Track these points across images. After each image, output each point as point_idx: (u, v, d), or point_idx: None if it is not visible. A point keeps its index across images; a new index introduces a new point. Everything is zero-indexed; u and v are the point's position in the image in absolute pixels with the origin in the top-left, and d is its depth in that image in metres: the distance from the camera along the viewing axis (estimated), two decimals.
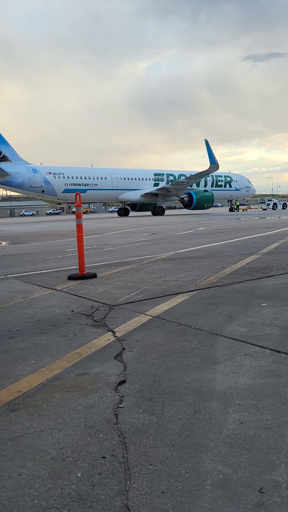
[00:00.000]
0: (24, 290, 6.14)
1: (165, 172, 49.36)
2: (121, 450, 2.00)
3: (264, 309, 4.47)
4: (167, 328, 3.91)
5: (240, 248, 10.10)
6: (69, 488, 1.74)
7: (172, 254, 9.57)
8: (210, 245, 11.30)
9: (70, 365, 3.08)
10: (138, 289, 5.74)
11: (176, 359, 3.14)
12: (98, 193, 44.53)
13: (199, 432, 2.14)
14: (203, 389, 2.62)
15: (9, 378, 2.90)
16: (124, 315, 4.44)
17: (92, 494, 1.70)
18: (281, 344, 3.35)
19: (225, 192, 52.98)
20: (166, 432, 2.15)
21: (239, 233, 14.93)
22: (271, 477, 1.77)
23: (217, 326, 3.92)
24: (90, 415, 2.35)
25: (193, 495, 1.68)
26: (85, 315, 4.51)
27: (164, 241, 13.37)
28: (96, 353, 3.33)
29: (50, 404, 2.50)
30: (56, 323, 4.25)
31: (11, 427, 2.26)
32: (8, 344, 3.68)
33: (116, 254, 10.19)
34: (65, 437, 2.14)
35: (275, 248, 9.89)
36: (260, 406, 2.37)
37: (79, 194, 7.57)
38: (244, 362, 3.02)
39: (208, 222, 24.52)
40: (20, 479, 1.82)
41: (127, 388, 2.67)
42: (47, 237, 17.92)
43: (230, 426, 2.18)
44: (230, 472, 1.82)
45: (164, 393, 2.59)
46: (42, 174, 40.25)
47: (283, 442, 2.02)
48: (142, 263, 8.29)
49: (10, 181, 39.04)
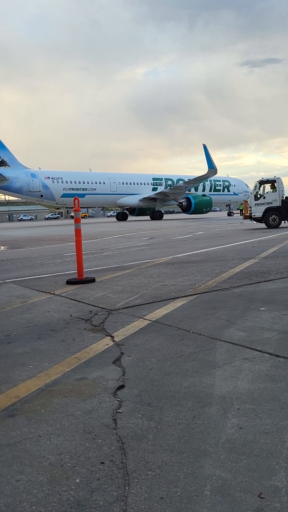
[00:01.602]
0: (23, 294, 6.12)
1: (163, 177, 49.47)
2: (119, 455, 1.99)
3: (262, 313, 4.47)
4: (166, 333, 3.90)
5: (238, 253, 10.11)
6: (67, 494, 1.73)
7: (171, 259, 9.57)
8: (208, 249, 11.31)
9: (68, 370, 3.07)
10: (137, 294, 5.73)
11: (175, 363, 3.13)
12: (96, 198, 44.58)
13: (198, 437, 2.13)
14: (202, 394, 2.61)
15: (7, 383, 2.88)
16: (122, 319, 4.43)
17: (91, 500, 1.69)
18: (280, 349, 3.35)
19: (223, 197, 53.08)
20: (165, 437, 2.14)
21: (238, 238, 14.95)
22: (271, 482, 1.76)
23: (216, 330, 3.92)
24: (88, 420, 2.34)
25: (192, 500, 1.67)
26: (84, 320, 4.50)
27: (163, 246, 13.38)
28: (95, 358, 3.32)
29: (49, 409, 2.49)
30: (55, 328, 4.23)
31: (9, 432, 2.25)
32: (7, 349, 3.67)
33: (115, 258, 10.19)
34: (63, 443, 2.13)
35: (273, 252, 9.90)
36: (259, 411, 2.36)
37: (77, 199, 7.59)
38: (243, 367, 3.01)
39: (206, 227, 24.56)
40: (18, 485, 1.81)
41: (125, 393, 2.66)
42: (46, 241, 17.91)
43: (229, 431, 2.18)
44: (229, 477, 1.81)
45: (163, 398, 2.58)
46: (40, 179, 40.30)
47: (282, 447, 2.01)
48: (140, 268, 8.29)
49: (9, 185, 39.08)
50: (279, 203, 19.90)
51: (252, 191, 20.74)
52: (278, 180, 20.41)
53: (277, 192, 20.07)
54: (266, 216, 19.92)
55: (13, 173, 39.09)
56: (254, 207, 20.23)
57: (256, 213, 20.14)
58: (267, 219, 19.93)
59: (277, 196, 20.00)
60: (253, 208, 20.24)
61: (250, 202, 20.40)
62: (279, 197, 19.98)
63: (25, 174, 39.88)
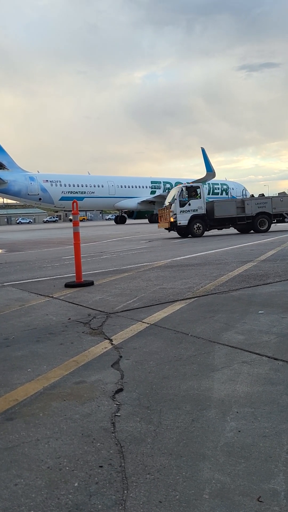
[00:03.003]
0: (21, 298, 6.12)
1: (162, 180, 49.58)
2: (118, 459, 1.99)
3: (261, 316, 4.47)
4: (164, 336, 3.90)
5: (237, 256, 10.12)
6: (66, 498, 1.73)
7: (169, 262, 9.58)
8: (207, 252, 11.32)
9: (67, 373, 3.07)
10: (135, 297, 5.73)
11: (174, 367, 3.13)
12: (95, 201, 44.63)
13: (196, 440, 2.12)
14: (201, 397, 2.61)
15: (5, 387, 2.88)
16: (121, 323, 4.43)
17: (89, 504, 1.68)
18: (278, 352, 3.35)
19: None
20: (164, 440, 2.14)
21: (236, 241, 14.97)
22: (270, 485, 1.76)
23: (214, 333, 3.92)
24: (87, 423, 2.34)
25: (191, 504, 1.67)
26: (82, 323, 4.49)
27: (161, 249, 13.39)
28: (93, 361, 3.31)
29: (47, 412, 2.48)
30: (53, 331, 4.23)
31: (8, 436, 2.24)
32: (5, 352, 3.66)
33: (113, 261, 10.19)
34: (62, 446, 2.12)
35: (271, 255, 9.92)
36: (257, 414, 2.36)
37: (76, 202, 7.61)
38: (241, 370, 3.01)
39: None
40: (16, 489, 1.80)
41: (124, 396, 2.66)
42: (44, 244, 17.91)
43: (228, 434, 2.17)
44: (228, 481, 1.80)
45: (161, 401, 2.58)
46: (39, 182, 40.36)
47: (281, 450, 2.01)
48: (139, 271, 8.29)
49: (7, 189, 39.12)
50: (204, 210, 19.07)
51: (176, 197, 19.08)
52: (201, 186, 19.81)
53: (201, 199, 19.21)
54: (191, 224, 18.82)
55: (12, 176, 39.14)
56: (179, 214, 18.83)
57: (182, 220, 18.78)
58: (191, 227, 18.81)
59: (202, 203, 19.13)
60: (179, 215, 18.82)
61: (175, 209, 18.86)
62: (204, 204, 19.16)
63: (24, 177, 39.94)
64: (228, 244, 13.54)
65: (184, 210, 18.86)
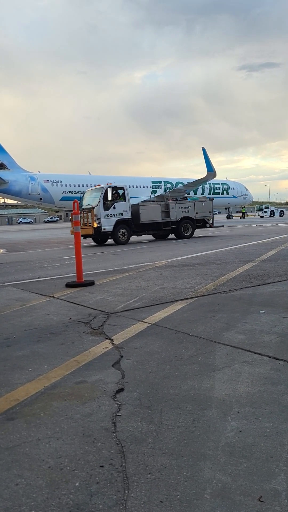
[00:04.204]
0: (22, 297, 6.12)
1: (162, 180, 49.54)
2: (119, 459, 1.99)
3: (262, 316, 4.47)
4: (165, 336, 3.90)
5: (237, 255, 10.12)
6: (67, 498, 1.73)
7: (170, 262, 9.57)
8: (207, 252, 11.32)
9: (68, 373, 3.07)
10: (136, 297, 5.73)
11: (174, 366, 3.13)
12: None
13: (197, 440, 2.12)
14: (202, 397, 2.60)
15: (6, 387, 2.88)
16: (122, 322, 4.43)
17: (90, 504, 1.68)
18: (279, 351, 3.35)
19: (223, 200, 53.14)
20: (165, 440, 2.13)
21: (237, 240, 14.96)
22: (271, 485, 1.76)
23: (215, 333, 3.92)
24: (88, 423, 2.34)
25: (192, 504, 1.67)
26: (83, 323, 4.49)
27: (162, 248, 13.39)
28: (94, 361, 3.31)
29: (48, 412, 2.48)
30: (54, 331, 4.23)
31: (9, 436, 2.24)
32: (6, 352, 3.66)
33: (114, 261, 10.19)
34: (62, 446, 2.12)
35: (272, 255, 9.90)
36: (259, 414, 2.36)
37: (76, 202, 7.62)
38: (242, 370, 3.01)
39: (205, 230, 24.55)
40: (17, 488, 1.80)
41: (125, 396, 2.66)
42: (45, 244, 17.92)
43: (229, 434, 2.17)
44: (229, 480, 1.80)
45: (162, 401, 2.57)
46: (39, 182, 40.35)
47: (282, 450, 2.01)
48: (140, 271, 8.28)
49: (8, 189, 39.12)
50: (129, 214, 16.71)
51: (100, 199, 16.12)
52: (126, 187, 17.33)
53: (126, 201, 16.78)
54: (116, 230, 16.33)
55: (13, 176, 39.14)
56: (104, 218, 16.00)
57: (106, 226, 16.02)
58: (116, 233, 16.36)
59: (127, 206, 16.73)
60: (103, 220, 15.97)
61: (99, 213, 15.91)
62: (129, 207, 16.83)
63: (24, 177, 39.93)
64: (228, 244, 13.53)
65: (109, 214, 16.13)
